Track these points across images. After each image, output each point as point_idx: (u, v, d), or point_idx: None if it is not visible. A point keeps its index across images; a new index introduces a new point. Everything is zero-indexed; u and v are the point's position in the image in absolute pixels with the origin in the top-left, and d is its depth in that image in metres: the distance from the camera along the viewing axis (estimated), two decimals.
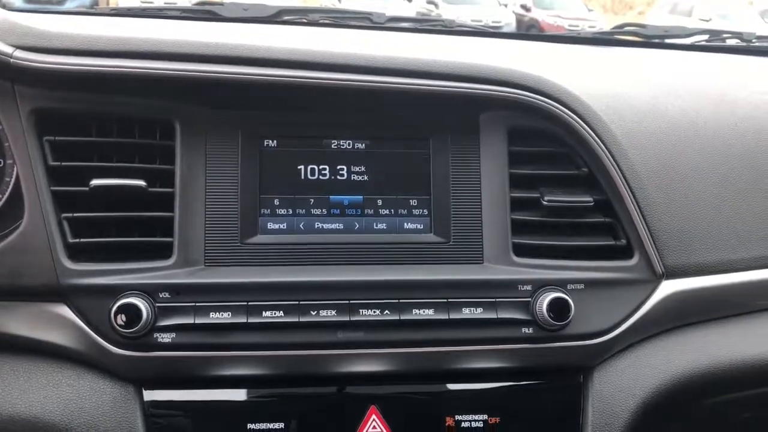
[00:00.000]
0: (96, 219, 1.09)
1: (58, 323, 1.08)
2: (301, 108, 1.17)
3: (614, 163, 1.18)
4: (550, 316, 1.10)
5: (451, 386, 1.15)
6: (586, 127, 1.18)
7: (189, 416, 1.10)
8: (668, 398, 1.21)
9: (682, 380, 1.22)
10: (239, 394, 1.12)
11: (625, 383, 1.19)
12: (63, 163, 1.10)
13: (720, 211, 1.26)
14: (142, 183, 1.10)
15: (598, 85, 1.30)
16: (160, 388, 1.10)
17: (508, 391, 1.16)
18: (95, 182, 1.09)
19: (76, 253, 1.08)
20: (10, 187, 1.11)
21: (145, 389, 1.10)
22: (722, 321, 1.29)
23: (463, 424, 1.13)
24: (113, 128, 1.12)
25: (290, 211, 1.15)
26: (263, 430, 1.09)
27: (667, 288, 1.21)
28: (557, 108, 1.17)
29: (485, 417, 1.14)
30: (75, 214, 1.09)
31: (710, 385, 1.26)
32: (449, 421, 1.13)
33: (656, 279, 1.20)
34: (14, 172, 1.10)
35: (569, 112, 1.17)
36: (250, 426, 1.09)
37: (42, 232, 1.07)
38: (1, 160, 1.12)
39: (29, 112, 1.09)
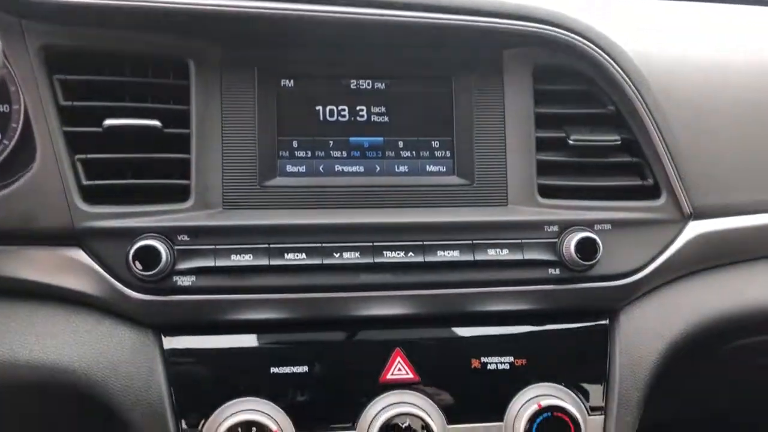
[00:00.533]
0: (110, 161, 1.06)
1: (74, 268, 1.05)
2: (318, 46, 1.13)
3: (642, 102, 1.15)
4: (578, 255, 1.08)
5: (477, 329, 1.13)
6: (614, 64, 1.14)
7: (211, 363, 1.07)
8: (693, 341, 1.19)
9: (708, 323, 1.20)
10: (262, 339, 1.09)
11: (651, 325, 1.17)
12: (75, 103, 1.06)
13: (748, 151, 1.24)
14: (157, 123, 1.06)
15: (627, 28, 1.26)
16: (180, 334, 1.08)
17: (534, 334, 1.14)
18: (109, 122, 1.05)
19: (90, 195, 1.05)
20: (18, 132, 1.07)
21: (164, 335, 1.08)
22: (748, 264, 1.27)
23: (489, 366, 1.11)
24: (126, 67, 1.08)
25: (309, 154, 1.12)
26: (287, 374, 1.07)
27: (695, 229, 1.18)
28: (584, 43, 1.13)
29: (511, 359, 1.12)
30: (88, 156, 1.05)
31: (734, 328, 1.24)
32: (475, 363, 1.11)
33: (684, 219, 1.17)
34: (21, 118, 1.06)
35: (597, 49, 1.14)
36: (273, 370, 1.07)
37: (55, 173, 1.03)
38: (7, 105, 1.08)
39: (38, 48, 1.04)
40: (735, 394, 1.72)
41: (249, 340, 1.09)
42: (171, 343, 1.07)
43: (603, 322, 1.16)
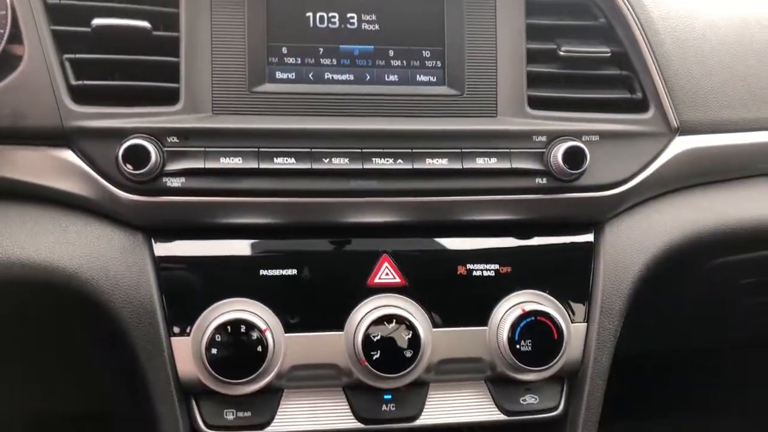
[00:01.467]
0: (99, 61, 1.05)
1: (63, 168, 1.05)
2: None
3: (633, 14, 1.15)
4: (565, 165, 1.09)
5: (464, 238, 1.15)
6: None
7: (200, 265, 1.09)
8: (677, 255, 1.21)
9: (692, 238, 1.22)
10: (251, 243, 1.10)
11: (635, 238, 1.19)
12: (62, 2, 1.04)
13: (736, 69, 1.24)
14: (146, 24, 1.05)
15: None
16: (169, 237, 1.09)
17: (520, 244, 1.16)
18: (97, 22, 1.04)
19: (80, 96, 1.04)
20: (6, 34, 1.06)
21: (154, 239, 1.09)
22: (732, 182, 1.29)
23: (474, 273, 1.13)
24: None
25: (299, 60, 1.11)
26: (275, 276, 1.09)
27: (682, 144, 1.20)
28: None
29: (497, 267, 1.14)
30: (77, 55, 1.04)
31: (717, 245, 1.26)
32: (461, 270, 1.13)
33: (671, 133, 1.18)
34: (8, 23, 1.04)
35: None
36: (262, 272, 1.08)
37: (43, 71, 1.03)
38: None
39: None
40: (713, 322, 1.77)
41: (238, 244, 1.10)
42: (160, 245, 1.08)
43: (588, 233, 1.18)
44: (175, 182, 1.04)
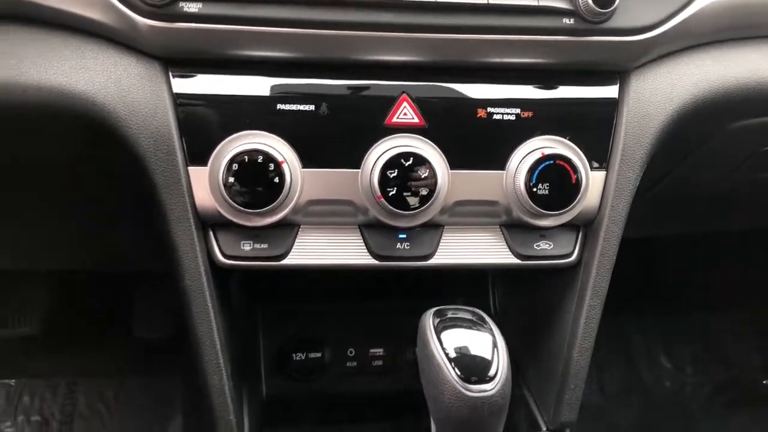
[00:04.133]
0: None
1: None
2: None
3: None
4: (594, 3, 1.05)
5: (485, 81, 1.12)
6: None
7: (218, 97, 1.07)
8: (701, 111, 1.19)
9: (717, 93, 1.19)
10: (269, 78, 1.08)
11: (662, 88, 1.16)
12: None
13: None
14: None
15: None
16: (186, 69, 1.07)
17: (543, 90, 1.13)
18: None
19: None
20: None
21: (171, 70, 1.07)
22: (760, 40, 1.24)
23: (494, 116, 1.11)
24: None
25: None
26: (293, 110, 1.07)
27: None
28: None
29: (518, 111, 1.12)
30: None
31: (741, 102, 1.23)
32: (481, 113, 1.11)
33: None
34: None
35: None
36: (280, 107, 1.07)
37: None
38: None
39: None
40: (726, 202, 1.77)
41: (256, 79, 1.08)
42: (178, 77, 1.07)
43: (614, 82, 1.15)
44: (192, 7, 1.01)
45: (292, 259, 1.12)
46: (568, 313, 1.19)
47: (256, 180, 1.04)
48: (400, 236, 1.14)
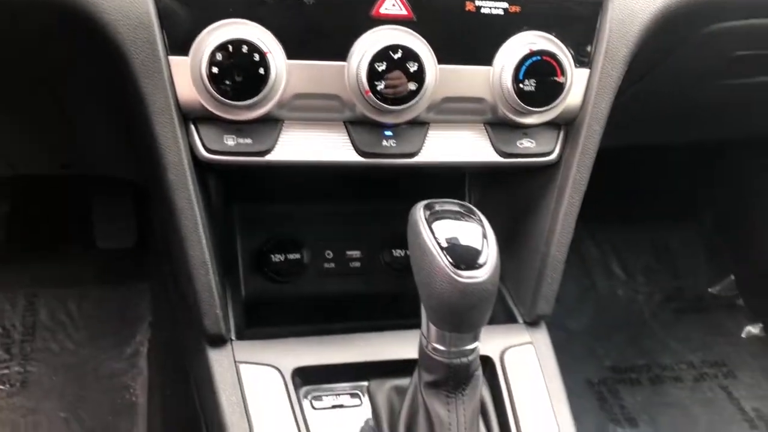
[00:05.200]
0: None
1: None
2: None
3: None
4: None
5: None
6: None
7: None
8: (681, 11, 1.19)
9: None
10: None
11: None
12: None
13: None
14: None
15: None
16: None
17: None
18: None
19: None
20: None
21: None
22: None
23: (483, 10, 1.10)
24: None
25: None
26: None
27: None
28: None
29: (506, 5, 1.10)
30: None
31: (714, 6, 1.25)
32: (469, 6, 1.09)
33: None
34: None
35: None
36: None
37: None
38: None
39: None
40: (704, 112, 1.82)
41: None
42: None
43: None
44: None
45: (276, 155, 1.10)
46: (547, 209, 1.22)
47: (240, 71, 1.01)
48: (386, 133, 1.13)
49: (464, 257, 0.89)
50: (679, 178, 2.63)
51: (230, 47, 1.00)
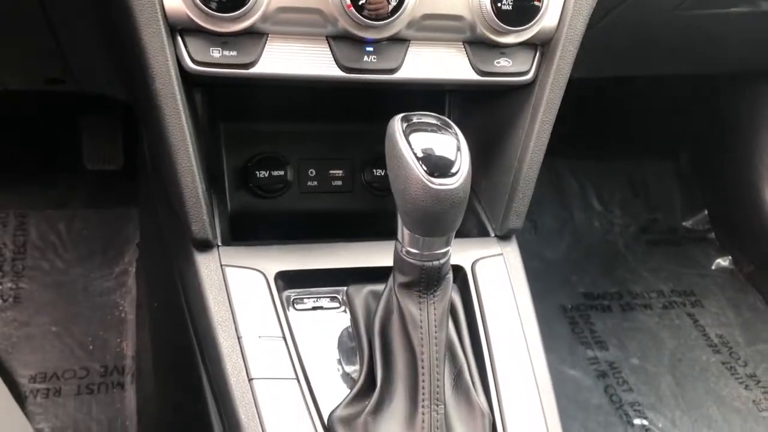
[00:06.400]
0: None
1: None
2: None
3: None
4: None
5: None
6: None
7: None
8: None
9: None
10: None
11: None
12: None
13: None
14: None
15: None
16: None
17: None
18: None
19: None
20: None
21: None
22: None
23: None
24: None
25: None
26: None
27: None
28: None
29: None
30: None
31: None
32: None
33: None
34: None
35: None
36: None
37: None
38: None
39: None
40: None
41: None
42: None
43: None
44: None
45: (261, 67, 1.14)
46: (521, 128, 1.27)
47: None
48: (368, 49, 1.16)
49: (438, 166, 0.94)
50: (659, 116, 2.68)
51: None
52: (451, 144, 0.97)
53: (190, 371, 1.22)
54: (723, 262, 2.63)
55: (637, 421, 2.02)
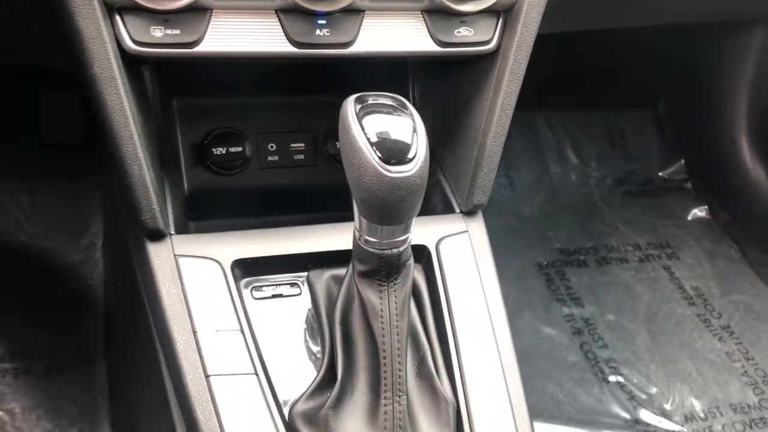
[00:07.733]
0: None
1: None
2: None
3: None
4: None
5: None
6: None
7: None
8: None
9: None
10: None
11: None
12: None
13: None
14: None
15: None
16: None
17: None
18: None
19: None
20: None
21: None
22: None
23: None
24: None
25: None
26: None
27: None
28: None
29: None
30: None
31: None
32: None
33: None
34: None
35: None
36: None
37: None
38: None
39: None
40: None
41: None
42: None
43: None
44: None
45: (206, 46, 1.07)
46: (485, 100, 1.22)
47: None
48: (320, 22, 1.10)
49: (393, 152, 0.89)
50: (637, 65, 2.62)
51: None
52: (406, 126, 0.92)
53: (150, 360, 1.19)
54: (699, 212, 2.62)
55: (612, 378, 2.03)
